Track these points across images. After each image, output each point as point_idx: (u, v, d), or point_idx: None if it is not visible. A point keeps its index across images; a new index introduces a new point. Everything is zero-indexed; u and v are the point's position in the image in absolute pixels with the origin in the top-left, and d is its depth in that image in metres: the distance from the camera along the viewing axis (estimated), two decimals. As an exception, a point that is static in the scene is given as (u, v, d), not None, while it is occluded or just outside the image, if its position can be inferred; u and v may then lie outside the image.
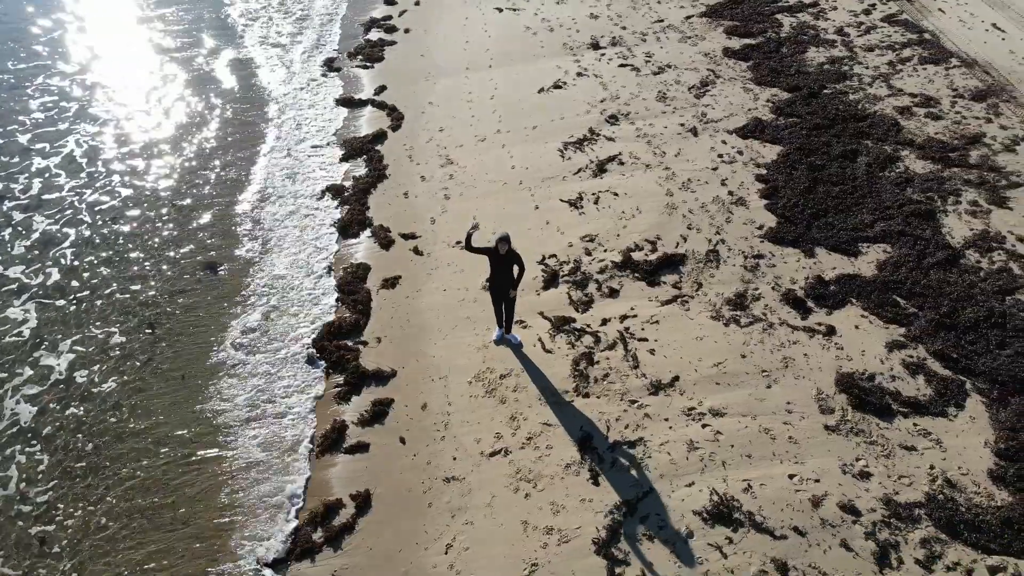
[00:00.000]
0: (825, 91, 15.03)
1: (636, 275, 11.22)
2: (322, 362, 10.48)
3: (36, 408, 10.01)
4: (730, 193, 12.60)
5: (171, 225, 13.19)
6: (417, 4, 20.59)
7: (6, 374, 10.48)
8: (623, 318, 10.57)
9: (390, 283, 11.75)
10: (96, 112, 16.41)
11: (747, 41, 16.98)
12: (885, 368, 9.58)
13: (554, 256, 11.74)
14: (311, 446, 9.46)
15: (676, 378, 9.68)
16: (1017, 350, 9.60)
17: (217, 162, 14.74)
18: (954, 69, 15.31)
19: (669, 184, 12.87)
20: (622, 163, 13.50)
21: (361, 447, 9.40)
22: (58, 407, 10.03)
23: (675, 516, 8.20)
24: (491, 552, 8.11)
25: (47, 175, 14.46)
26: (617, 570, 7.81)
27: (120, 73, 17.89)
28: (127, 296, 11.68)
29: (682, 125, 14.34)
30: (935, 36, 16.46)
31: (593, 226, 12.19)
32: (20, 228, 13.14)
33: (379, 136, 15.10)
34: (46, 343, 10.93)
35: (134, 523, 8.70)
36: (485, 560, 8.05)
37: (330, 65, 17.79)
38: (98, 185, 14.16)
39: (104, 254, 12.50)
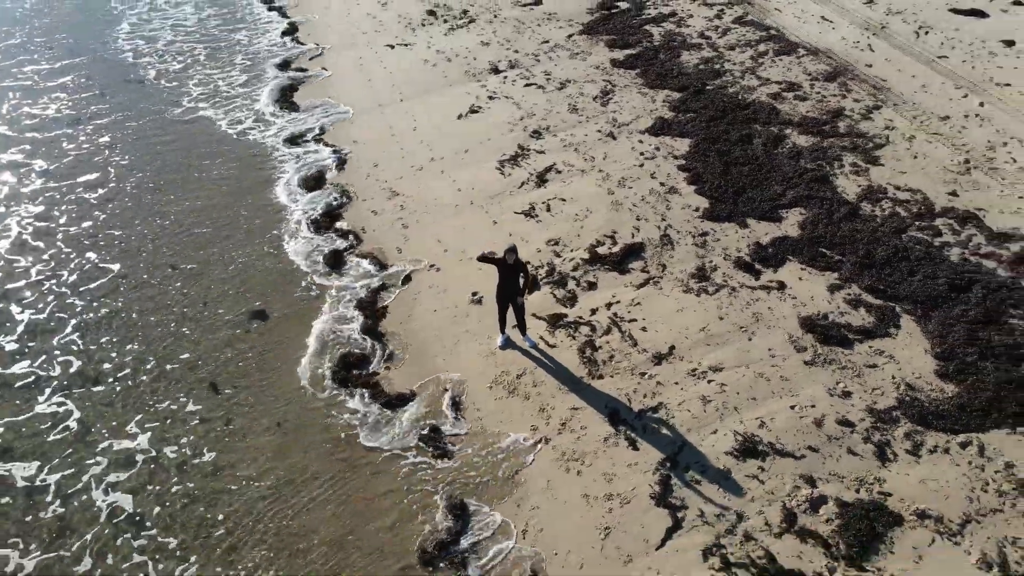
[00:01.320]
0: (708, 87, 17.16)
1: (606, 267, 12.49)
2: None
3: (131, 494, 9.71)
4: (661, 184, 14.22)
5: (183, 287, 12.95)
6: (303, 43, 20.90)
7: (75, 468, 10.01)
8: (608, 305, 11.78)
9: (380, 313, 12.24)
10: (33, 189, 15.48)
11: (628, 51, 18.91)
12: (833, 307, 11.44)
13: (528, 262, 12.69)
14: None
15: (672, 347, 11.01)
16: (924, 274, 11.79)
17: (195, 219, 14.64)
18: (804, 57, 18.00)
19: (607, 184, 14.29)
20: (559, 172, 14.78)
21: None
22: (157, 487, 9.77)
23: (711, 459, 9.46)
24: (565, 528, 8.97)
25: (-1, 263, 13.58)
26: (679, 514, 8.94)
27: (43, 145, 16.91)
28: (176, 365, 11.44)
29: (599, 131, 15.87)
30: (779, 31, 19.20)
31: (553, 231, 13.34)
32: (-1, 322, 12.25)
33: (319, 178, 15.43)
34: (106, 430, 10.51)
35: (326, 565, 8.83)
36: (562, 536, 8.89)
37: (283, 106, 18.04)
38: (70, 264, 13.48)
39: (120, 332, 12.04)
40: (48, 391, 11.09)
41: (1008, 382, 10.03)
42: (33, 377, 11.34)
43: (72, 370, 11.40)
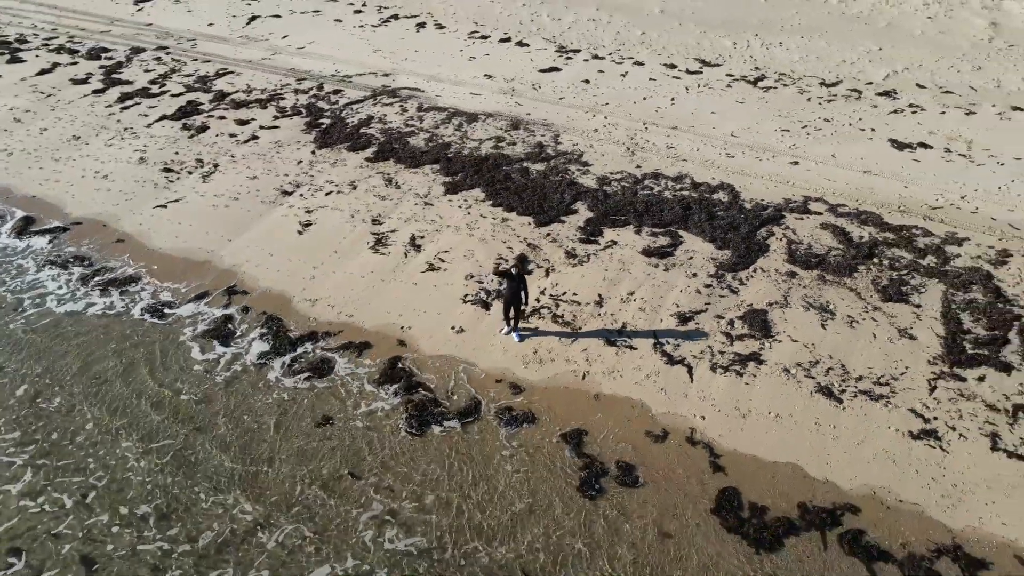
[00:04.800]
0: (450, 155, 23.22)
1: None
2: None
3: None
4: (495, 219, 19.88)
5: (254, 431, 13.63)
6: (65, 230, 20.38)
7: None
8: (542, 293, 17.13)
9: (397, 375, 15.41)
10: None
11: (370, 150, 23.75)
12: (648, 241, 18.79)
13: (466, 296, 17.21)
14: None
15: (599, 295, 17.00)
16: (667, 209, 19.99)
17: (162, 393, 14.74)
18: (487, 120, 25.30)
19: (463, 232, 19.35)
20: (423, 237, 19.24)
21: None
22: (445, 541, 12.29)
23: (675, 331, 15.83)
24: (635, 397, 14.34)
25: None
26: (686, 362, 15.10)
27: None
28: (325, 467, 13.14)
29: (417, 204, 20.66)
30: (456, 108, 26.25)
31: (462, 271, 17.95)
32: None
33: (227, 324, 16.93)
34: (332, 536, 12.48)
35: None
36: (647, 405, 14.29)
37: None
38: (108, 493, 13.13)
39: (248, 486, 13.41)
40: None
41: (743, 241, 18.63)
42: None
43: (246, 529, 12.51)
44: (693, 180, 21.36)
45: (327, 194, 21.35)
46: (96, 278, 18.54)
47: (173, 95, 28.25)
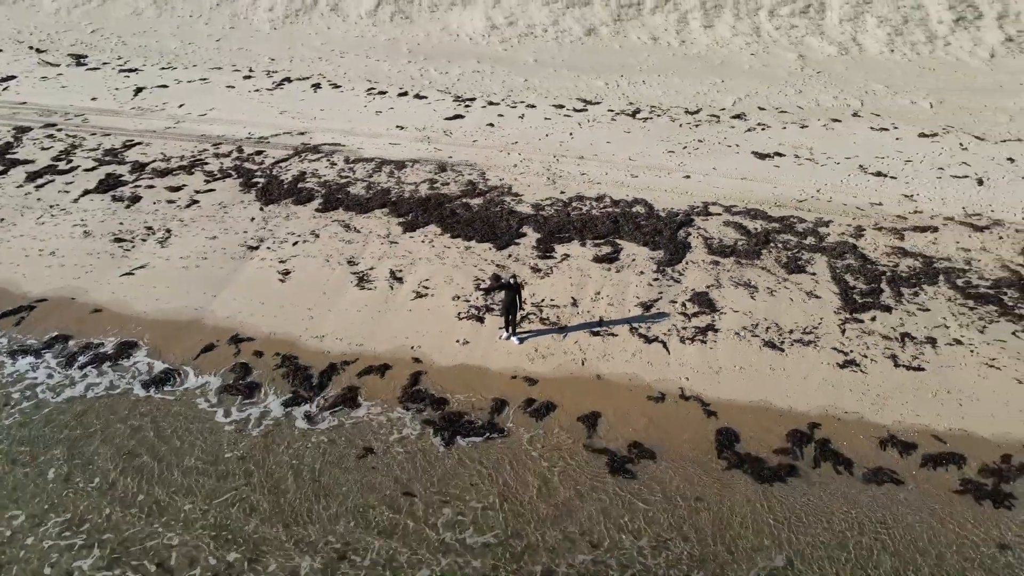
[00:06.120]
0: (393, 200, 25.48)
1: (497, 291, 20.38)
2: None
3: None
4: (458, 247, 22.43)
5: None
6: (31, 309, 20.29)
7: None
8: (523, 303, 19.89)
9: (414, 395, 17.51)
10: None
11: (316, 202, 25.43)
12: (594, 251, 22.17)
13: (459, 314, 19.61)
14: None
15: (573, 298, 20.06)
16: (601, 224, 23.55)
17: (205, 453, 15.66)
18: (414, 166, 27.82)
19: (436, 262, 21.70)
20: (401, 271, 21.37)
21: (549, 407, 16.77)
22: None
23: (643, 317, 19.19)
24: (629, 372, 17.51)
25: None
26: (659, 339, 18.48)
27: None
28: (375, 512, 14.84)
29: (383, 244, 22.72)
30: (383, 158, 28.51)
31: (447, 295, 20.31)
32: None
33: (248, 370, 18.14)
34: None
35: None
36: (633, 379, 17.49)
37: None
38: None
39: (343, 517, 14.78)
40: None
41: (669, 242, 22.56)
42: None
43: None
44: (612, 198, 25.17)
45: (294, 244, 22.84)
46: (86, 352, 18.82)
47: (86, 170, 28.15)
